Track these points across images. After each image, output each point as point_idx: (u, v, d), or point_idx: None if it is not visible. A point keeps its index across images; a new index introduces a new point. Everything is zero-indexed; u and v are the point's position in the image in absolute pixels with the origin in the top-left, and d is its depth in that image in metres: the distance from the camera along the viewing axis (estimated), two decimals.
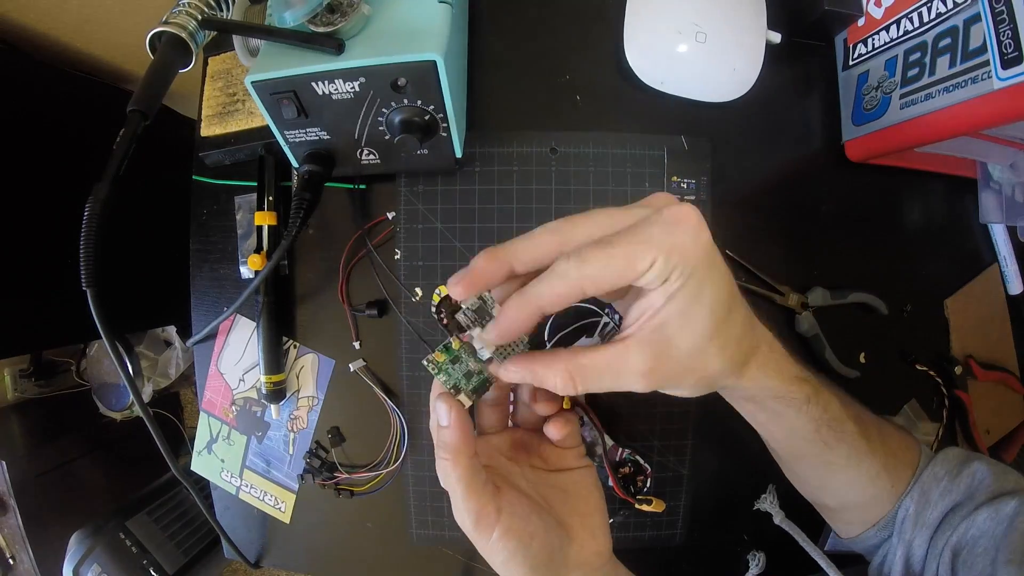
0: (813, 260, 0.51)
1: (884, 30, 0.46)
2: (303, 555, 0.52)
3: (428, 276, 0.48)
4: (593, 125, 0.48)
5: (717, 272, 0.24)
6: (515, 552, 0.27)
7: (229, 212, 0.50)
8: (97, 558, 0.88)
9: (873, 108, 0.47)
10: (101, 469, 1.15)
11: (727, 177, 0.49)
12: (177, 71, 0.37)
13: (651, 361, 0.24)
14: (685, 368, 0.25)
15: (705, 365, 0.25)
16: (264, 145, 0.47)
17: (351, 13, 0.34)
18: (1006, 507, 0.33)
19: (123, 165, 0.34)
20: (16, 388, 1.14)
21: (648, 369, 0.24)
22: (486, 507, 0.27)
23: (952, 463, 0.37)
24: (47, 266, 0.73)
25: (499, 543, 0.27)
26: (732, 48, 0.46)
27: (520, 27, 0.49)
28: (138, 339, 1.21)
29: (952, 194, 0.55)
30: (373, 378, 0.49)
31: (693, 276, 0.23)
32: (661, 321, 0.24)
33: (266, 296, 0.47)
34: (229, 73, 0.50)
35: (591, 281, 0.22)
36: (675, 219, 0.23)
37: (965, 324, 0.55)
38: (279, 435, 0.51)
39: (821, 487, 0.39)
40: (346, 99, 0.36)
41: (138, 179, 0.39)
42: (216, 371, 0.52)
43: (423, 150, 0.41)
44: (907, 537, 0.36)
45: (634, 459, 0.48)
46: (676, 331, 0.24)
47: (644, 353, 0.24)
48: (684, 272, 0.23)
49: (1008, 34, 0.35)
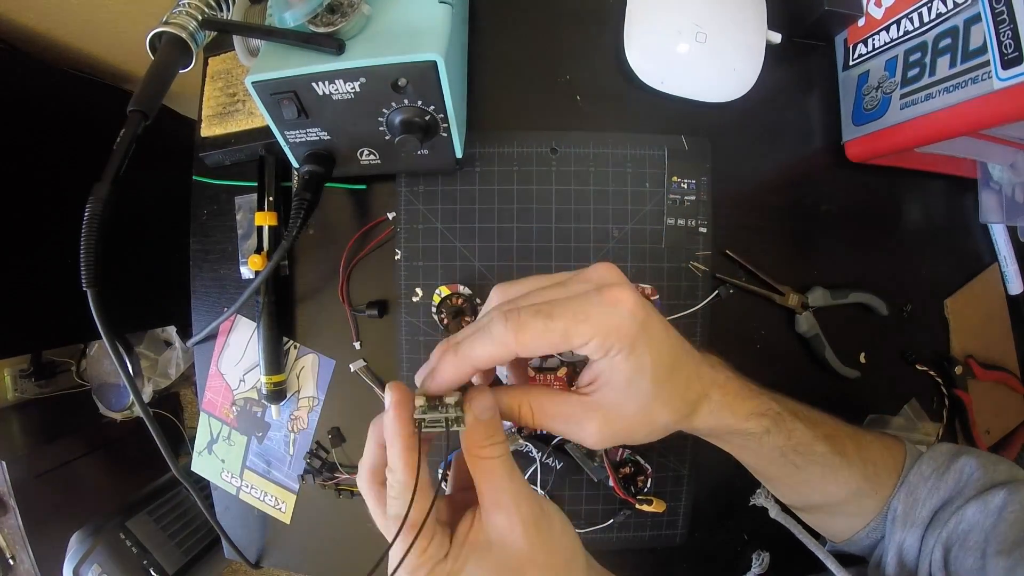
0: (813, 260, 0.51)
1: (884, 30, 0.46)
2: (303, 555, 0.52)
3: (428, 276, 0.48)
4: (593, 125, 0.48)
5: (656, 341, 0.26)
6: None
7: (229, 212, 0.50)
8: (97, 558, 0.88)
9: (873, 108, 0.47)
10: (101, 469, 1.15)
11: (727, 177, 0.49)
12: (177, 71, 0.37)
13: (601, 423, 0.27)
14: (632, 426, 0.27)
15: (652, 420, 0.27)
16: (264, 145, 0.47)
17: (351, 13, 0.34)
18: (994, 499, 0.33)
19: (123, 165, 0.34)
20: (16, 388, 1.14)
21: (598, 429, 0.27)
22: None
23: (940, 460, 0.37)
24: (47, 266, 0.73)
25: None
26: (732, 48, 0.46)
27: (520, 27, 0.49)
28: (138, 339, 1.21)
29: (952, 194, 0.55)
30: (373, 378, 0.49)
31: (633, 351, 0.25)
32: (604, 383, 0.26)
33: (266, 296, 0.47)
34: (229, 73, 0.50)
35: (525, 348, 0.24)
36: (613, 301, 0.24)
37: (965, 324, 0.55)
38: (279, 435, 0.51)
39: (802, 502, 0.40)
40: (346, 99, 0.36)
41: (138, 179, 0.39)
42: (216, 371, 0.52)
43: (423, 150, 0.41)
44: (897, 537, 0.36)
45: (634, 459, 0.48)
46: (622, 396, 0.26)
47: (595, 418, 0.27)
48: (623, 347, 0.25)
49: (1008, 34, 0.35)
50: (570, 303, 0.24)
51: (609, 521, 0.49)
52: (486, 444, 0.25)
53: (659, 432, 0.28)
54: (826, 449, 0.35)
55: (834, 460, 0.35)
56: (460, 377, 0.25)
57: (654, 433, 0.28)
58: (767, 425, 0.32)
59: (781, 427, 0.33)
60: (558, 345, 0.24)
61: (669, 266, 0.48)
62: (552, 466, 0.49)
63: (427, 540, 0.25)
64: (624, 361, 0.25)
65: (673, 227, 0.48)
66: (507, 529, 0.25)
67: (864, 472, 0.36)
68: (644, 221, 0.48)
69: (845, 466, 0.36)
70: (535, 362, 0.46)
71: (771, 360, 0.50)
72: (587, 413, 0.27)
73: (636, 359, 0.25)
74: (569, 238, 0.47)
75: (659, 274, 0.48)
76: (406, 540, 0.24)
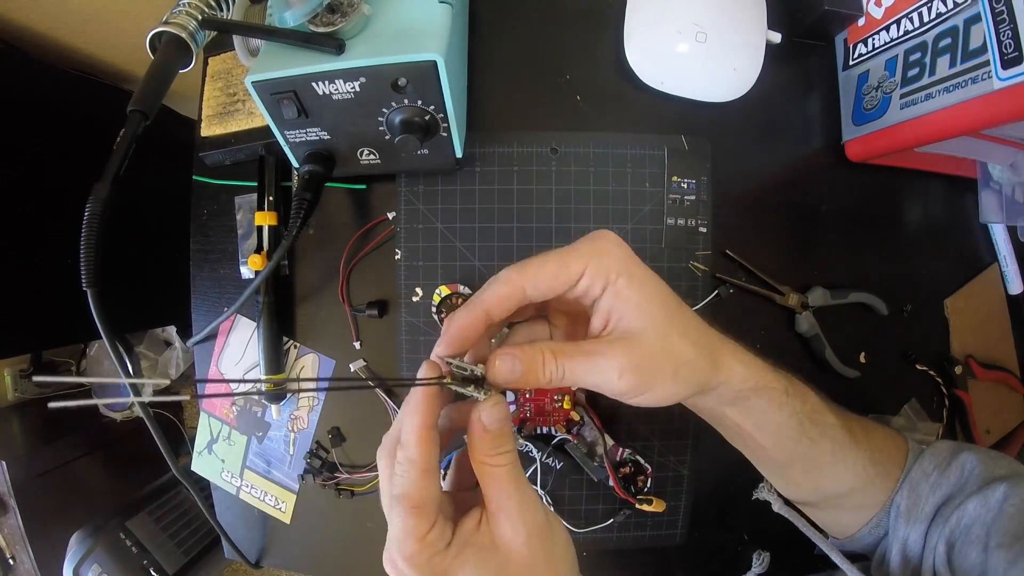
0: (813, 260, 0.51)
1: (884, 30, 0.46)
2: (303, 555, 0.52)
3: (428, 276, 0.48)
4: (593, 125, 0.48)
5: (650, 273, 0.27)
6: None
7: (229, 212, 0.50)
8: (97, 558, 0.88)
9: (873, 108, 0.47)
10: (101, 469, 1.15)
11: (727, 177, 0.49)
12: (177, 71, 0.37)
13: (624, 358, 0.26)
14: (657, 362, 0.26)
15: (676, 354, 0.27)
16: (264, 145, 0.47)
17: (351, 13, 0.34)
18: (995, 493, 0.33)
19: (123, 165, 0.34)
20: (16, 388, 1.14)
21: (623, 366, 0.25)
22: None
23: (941, 456, 0.37)
24: (47, 266, 0.73)
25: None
26: (732, 48, 0.46)
27: (520, 27, 0.49)
28: (138, 339, 1.21)
29: (952, 194, 0.55)
30: (373, 378, 0.49)
31: (631, 275, 0.26)
32: (618, 318, 0.26)
33: (266, 296, 0.47)
34: (229, 73, 0.50)
35: (530, 282, 0.26)
36: (597, 235, 0.27)
37: (965, 324, 0.55)
38: (279, 435, 0.51)
39: (813, 489, 0.39)
40: (346, 99, 0.36)
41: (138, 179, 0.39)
42: (216, 371, 0.52)
43: (423, 150, 0.41)
44: (901, 534, 0.36)
45: (634, 459, 0.48)
46: (635, 324, 0.26)
47: (618, 354, 0.26)
48: (619, 271, 0.26)
49: (1008, 34, 0.35)
50: (562, 247, 0.27)
51: (609, 521, 0.49)
52: (494, 453, 0.25)
53: (685, 375, 0.27)
54: (836, 421, 0.35)
55: (844, 437, 0.35)
56: (473, 324, 0.26)
57: (680, 374, 0.27)
58: (784, 383, 0.32)
59: (797, 388, 0.33)
60: (557, 275, 0.26)
61: (669, 266, 0.48)
62: (552, 466, 0.49)
63: (427, 525, 0.24)
64: (627, 287, 0.26)
65: (673, 227, 0.48)
66: (511, 536, 0.25)
67: (871, 456, 0.36)
68: (644, 221, 0.48)
69: (853, 446, 0.35)
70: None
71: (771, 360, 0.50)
72: (610, 350, 0.26)
73: (638, 284, 0.26)
74: (569, 238, 0.47)
75: (659, 274, 0.48)
76: (406, 519, 0.24)
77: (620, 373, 0.25)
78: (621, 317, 0.26)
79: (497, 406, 0.26)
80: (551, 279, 0.26)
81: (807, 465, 0.36)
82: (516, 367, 0.25)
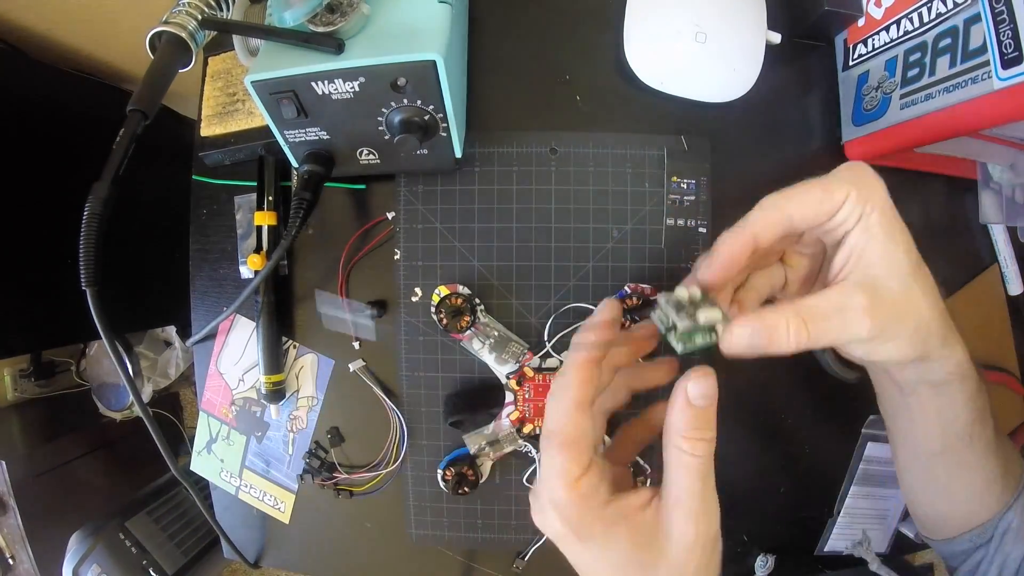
0: None
1: (884, 30, 0.46)
2: (303, 555, 0.52)
3: (428, 276, 0.48)
4: (593, 125, 0.48)
5: (900, 218, 0.26)
6: None
7: (229, 212, 0.50)
8: (97, 558, 0.88)
9: (873, 108, 0.47)
10: (101, 469, 1.15)
11: (727, 177, 0.49)
12: (177, 71, 0.37)
13: (869, 298, 0.24)
14: (899, 308, 0.25)
15: (917, 307, 0.26)
16: (264, 145, 0.47)
17: (351, 13, 0.34)
18: None
19: (123, 165, 0.34)
20: (16, 388, 1.14)
21: (869, 304, 0.24)
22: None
23: None
24: (47, 266, 0.73)
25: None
26: (732, 48, 0.46)
27: (520, 27, 0.49)
28: (138, 339, 1.21)
29: (952, 194, 0.54)
30: (373, 378, 0.49)
31: (883, 210, 0.25)
32: (865, 260, 0.25)
33: (266, 296, 0.47)
34: (229, 73, 0.50)
35: (796, 208, 0.25)
36: (859, 167, 0.26)
37: (965, 324, 0.54)
38: (279, 435, 0.51)
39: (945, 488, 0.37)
40: (346, 99, 0.36)
41: (138, 179, 0.39)
42: (216, 371, 0.52)
43: (423, 150, 0.41)
44: (1007, 549, 0.35)
45: (634, 459, 0.48)
46: (880, 269, 0.25)
47: (861, 290, 0.25)
48: (876, 207, 0.25)
49: (1008, 34, 0.35)
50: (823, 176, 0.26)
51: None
52: (693, 436, 0.23)
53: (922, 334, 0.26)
54: (993, 424, 0.33)
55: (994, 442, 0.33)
56: (743, 249, 0.25)
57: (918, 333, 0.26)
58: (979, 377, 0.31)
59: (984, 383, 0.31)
60: (822, 202, 0.25)
61: (669, 266, 0.48)
62: None
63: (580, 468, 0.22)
64: (878, 223, 0.25)
65: (673, 227, 0.48)
66: (678, 536, 0.23)
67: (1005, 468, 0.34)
68: (644, 221, 0.48)
69: (994, 454, 0.33)
70: (534, 362, 0.46)
71: (770, 361, 0.50)
72: (854, 291, 0.25)
73: (888, 223, 0.25)
74: (569, 238, 0.47)
75: (659, 274, 0.48)
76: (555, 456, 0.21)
77: (866, 314, 0.24)
78: (863, 255, 0.25)
79: (708, 377, 0.23)
80: (816, 204, 0.25)
81: (955, 461, 0.34)
82: (757, 339, 0.23)
